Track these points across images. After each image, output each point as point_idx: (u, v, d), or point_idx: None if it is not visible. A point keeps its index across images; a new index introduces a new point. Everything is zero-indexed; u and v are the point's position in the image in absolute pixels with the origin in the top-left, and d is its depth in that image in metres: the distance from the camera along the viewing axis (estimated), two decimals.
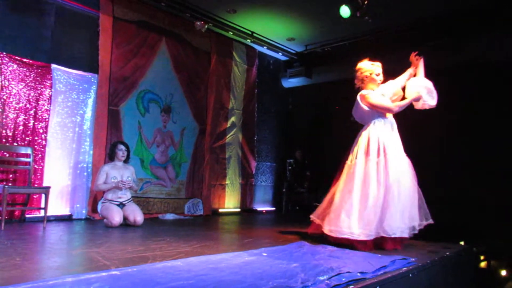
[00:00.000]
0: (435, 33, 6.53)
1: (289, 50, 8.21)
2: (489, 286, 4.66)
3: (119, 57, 5.93)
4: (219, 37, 7.39)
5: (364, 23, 5.84)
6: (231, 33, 7.22)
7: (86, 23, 5.71)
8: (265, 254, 3.07)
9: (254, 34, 7.45)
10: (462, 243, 4.34)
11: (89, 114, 5.66)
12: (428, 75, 3.98)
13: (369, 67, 3.90)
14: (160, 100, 6.54)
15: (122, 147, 5.05)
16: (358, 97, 3.89)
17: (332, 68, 8.06)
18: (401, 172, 3.60)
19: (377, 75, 3.87)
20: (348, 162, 3.83)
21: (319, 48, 7.94)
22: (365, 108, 3.81)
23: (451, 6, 5.98)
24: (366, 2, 5.44)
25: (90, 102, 5.68)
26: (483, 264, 4.85)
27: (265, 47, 7.92)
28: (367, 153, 3.68)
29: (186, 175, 6.87)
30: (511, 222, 5.67)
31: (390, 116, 3.87)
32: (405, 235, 3.48)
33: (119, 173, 4.94)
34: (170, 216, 6.13)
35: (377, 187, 3.51)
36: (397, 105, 3.77)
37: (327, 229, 3.57)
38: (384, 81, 3.96)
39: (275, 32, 7.42)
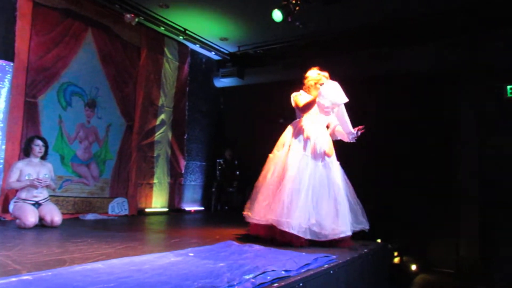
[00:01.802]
0: (361, 43, 6.90)
1: (222, 49, 8.20)
2: (401, 280, 5.03)
3: (39, 45, 5.51)
4: (150, 31, 7.17)
5: (296, 28, 6.01)
6: (163, 28, 7.04)
7: (1, 7, 5.23)
8: (191, 254, 3.03)
9: (187, 31, 7.34)
10: (378, 241, 4.63)
11: (2, 105, 5.19)
12: (353, 82, 4.22)
13: (315, 76, 4.07)
14: (84, 94, 6.19)
15: (39, 142, 4.69)
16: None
17: (264, 70, 8.20)
18: (324, 169, 3.76)
19: (321, 85, 3.99)
20: (270, 154, 4.05)
21: (252, 50, 8.03)
22: (294, 107, 4.10)
23: (378, 17, 6.36)
24: (297, 8, 5.61)
25: (4, 92, 5.21)
26: (396, 260, 5.22)
27: (197, 45, 7.83)
28: (290, 145, 3.88)
29: (111, 173, 6.57)
30: (421, 222, 6.18)
31: (320, 118, 4.01)
32: (302, 235, 3.57)
33: (35, 170, 4.59)
34: (92, 216, 5.82)
35: (293, 178, 3.67)
36: (304, 103, 3.95)
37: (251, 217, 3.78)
38: None
39: (208, 30, 7.38)
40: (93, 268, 2.41)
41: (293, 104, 4.09)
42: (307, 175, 3.70)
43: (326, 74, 4.09)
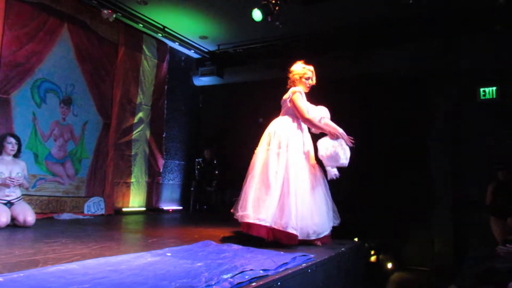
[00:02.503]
0: (340, 43, 6.98)
1: (201, 48, 8.14)
2: (377, 278, 5.11)
3: (12, 40, 5.35)
4: (128, 28, 7.06)
5: (276, 28, 6.03)
6: (141, 25, 6.94)
7: None
8: (169, 254, 3.00)
9: (166, 29, 7.25)
10: (356, 239, 4.69)
11: None
12: (329, 83, 4.26)
13: (300, 70, 4.05)
14: (59, 91, 6.05)
15: (11, 139, 4.56)
16: (290, 91, 3.99)
17: (244, 69, 8.19)
18: (300, 169, 3.74)
19: (307, 78, 4.01)
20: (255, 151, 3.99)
21: (232, 49, 8.01)
22: (288, 103, 3.95)
23: (357, 19, 6.44)
24: (277, 8, 5.63)
25: None
26: (373, 259, 5.30)
27: (177, 43, 7.76)
28: (269, 143, 3.83)
29: (87, 172, 6.45)
30: (397, 221, 6.30)
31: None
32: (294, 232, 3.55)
33: (7, 168, 4.46)
34: (67, 216, 5.69)
35: (275, 177, 3.64)
36: (310, 118, 3.89)
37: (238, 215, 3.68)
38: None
39: (188, 29, 7.32)
40: (68, 269, 2.36)
41: (289, 99, 3.93)
42: (303, 175, 3.72)
43: (311, 68, 4.08)
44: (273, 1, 5.62)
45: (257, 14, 5.77)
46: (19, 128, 5.40)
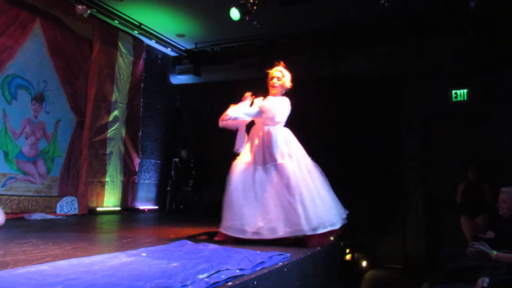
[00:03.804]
0: (317, 44, 7.05)
1: (178, 46, 8.07)
2: (352, 276, 5.19)
3: None
4: (103, 24, 6.93)
5: (254, 27, 6.03)
6: (117, 22, 6.82)
7: None
8: (144, 254, 2.96)
9: (142, 26, 7.15)
10: (331, 238, 4.74)
11: None
12: (307, 82, 4.28)
13: (270, 74, 4.06)
14: (31, 87, 5.88)
15: None
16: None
17: (221, 68, 8.16)
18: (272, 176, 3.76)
19: (271, 79, 4.02)
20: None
21: (209, 47, 7.97)
22: None
23: (333, 22, 6.52)
24: (255, 8, 5.64)
25: None
26: (348, 257, 5.38)
27: (153, 41, 7.66)
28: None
29: (59, 170, 6.29)
30: (371, 219, 6.41)
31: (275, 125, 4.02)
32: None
33: None
34: (38, 216, 5.55)
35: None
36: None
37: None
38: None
39: (165, 26, 7.24)
40: (38, 270, 2.30)
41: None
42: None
43: (278, 68, 4.07)
44: (251, 1, 5.62)
45: (234, 13, 5.76)
46: None
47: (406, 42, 6.47)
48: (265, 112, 3.92)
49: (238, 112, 3.89)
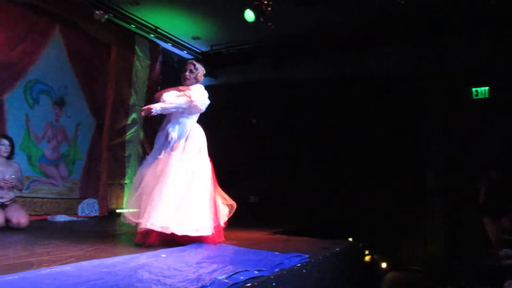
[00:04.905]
0: (332, 44, 7.00)
1: (194, 49, 8.13)
2: (371, 278, 5.14)
3: (3, 42, 5.30)
4: (120, 29, 7.03)
5: (269, 28, 6.04)
6: (133, 26, 6.91)
7: None
8: (163, 255, 3.00)
9: (158, 30, 7.23)
10: (350, 239, 4.72)
11: None
12: (324, 82, 4.25)
13: (183, 67, 4.11)
14: (52, 92, 6.01)
15: (5, 141, 4.53)
16: None
17: (237, 69, 8.19)
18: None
19: (184, 71, 4.14)
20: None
21: (224, 49, 8.01)
22: None
23: (350, 21, 6.46)
24: (269, 9, 5.64)
25: None
26: (367, 258, 5.33)
27: (169, 44, 7.74)
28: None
29: (80, 173, 6.42)
30: (392, 221, 6.34)
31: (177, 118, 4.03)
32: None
33: (0, 170, 4.43)
34: (61, 218, 5.65)
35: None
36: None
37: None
38: None
39: (180, 29, 7.30)
40: (62, 271, 2.35)
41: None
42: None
43: (193, 61, 4.17)
44: (266, 2, 5.63)
45: (249, 14, 5.78)
46: (12, 129, 5.36)
47: (425, 40, 6.36)
48: (195, 101, 3.94)
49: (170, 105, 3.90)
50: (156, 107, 3.82)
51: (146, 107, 3.86)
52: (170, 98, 3.94)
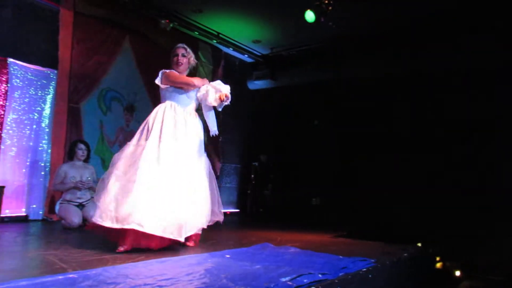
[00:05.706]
0: (393, 42, 6.75)
1: (254, 52, 8.23)
2: (443, 286, 4.85)
3: (80, 53, 5.74)
4: (184, 36, 7.29)
5: (329, 28, 5.95)
6: (197, 33, 7.16)
7: (45, 17, 5.51)
8: (228, 256, 3.05)
9: (220, 35, 7.42)
10: (419, 244, 4.49)
11: (47, 111, 5.45)
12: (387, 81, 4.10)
13: (171, 56, 3.94)
14: (122, 99, 6.39)
15: (82, 146, 4.89)
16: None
17: (297, 71, 8.16)
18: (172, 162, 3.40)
19: (174, 56, 3.98)
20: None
21: (285, 52, 8.02)
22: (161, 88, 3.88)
23: (410, 17, 6.20)
24: (330, 8, 5.56)
25: (49, 98, 5.47)
26: (438, 265, 5.04)
27: (231, 49, 7.90)
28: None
29: None
30: (464, 224, 5.95)
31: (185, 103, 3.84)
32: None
33: (78, 173, 4.78)
34: None
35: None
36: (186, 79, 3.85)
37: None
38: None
39: (241, 33, 7.43)
40: (133, 269, 2.48)
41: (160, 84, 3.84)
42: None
43: (180, 45, 3.96)
44: (326, 2, 5.55)
45: (310, 15, 5.74)
46: (88, 134, 5.77)
47: (497, 31, 5.91)
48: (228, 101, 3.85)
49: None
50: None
51: (224, 95, 3.77)
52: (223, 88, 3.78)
